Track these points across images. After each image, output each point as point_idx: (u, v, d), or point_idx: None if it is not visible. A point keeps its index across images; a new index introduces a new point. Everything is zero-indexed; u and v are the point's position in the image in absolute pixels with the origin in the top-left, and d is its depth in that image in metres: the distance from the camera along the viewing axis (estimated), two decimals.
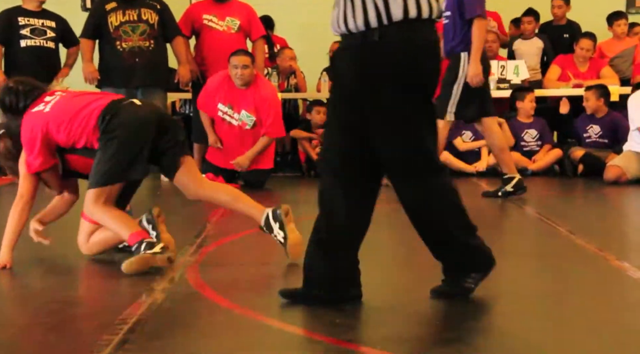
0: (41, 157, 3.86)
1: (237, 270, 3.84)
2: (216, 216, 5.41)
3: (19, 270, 3.78)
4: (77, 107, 3.87)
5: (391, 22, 2.82)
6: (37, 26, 7.41)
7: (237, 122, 6.93)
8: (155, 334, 2.75)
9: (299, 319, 2.95)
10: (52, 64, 7.50)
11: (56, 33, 7.50)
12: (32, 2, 7.40)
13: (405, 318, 2.97)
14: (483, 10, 5.86)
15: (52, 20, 7.50)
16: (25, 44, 7.35)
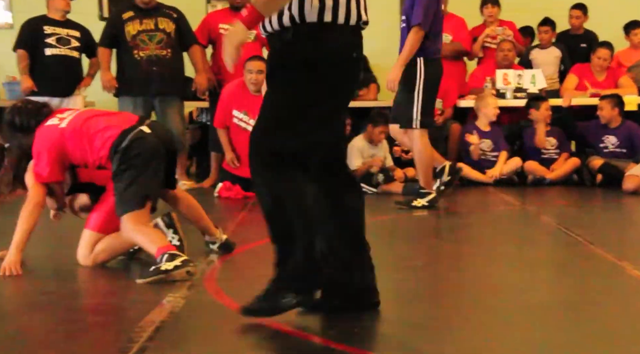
0: (49, 168, 3.91)
1: (255, 278, 3.81)
2: (234, 224, 5.42)
3: (39, 276, 3.80)
4: (93, 130, 3.95)
5: (304, 23, 2.87)
6: (62, 35, 7.48)
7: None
8: (174, 342, 2.76)
9: (318, 328, 2.94)
10: (75, 73, 7.57)
11: (80, 43, 7.57)
12: (58, 12, 7.47)
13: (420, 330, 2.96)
14: (426, 21, 5.75)
15: (77, 30, 7.56)
16: (51, 52, 7.42)
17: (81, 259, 3.96)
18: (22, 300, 3.49)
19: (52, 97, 7.26)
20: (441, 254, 4.53)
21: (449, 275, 3.93)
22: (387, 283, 3.71)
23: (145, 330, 2.81)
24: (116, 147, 3.84)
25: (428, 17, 5.78)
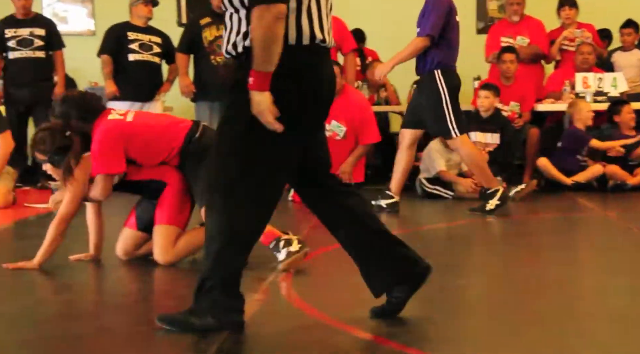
0: (117, 160, 3.94)
1: (331, 282, 3.82)
2: (308, 227, 5.41)
3: (121, 277, 3.85)
4: (164, 123, 4.04)
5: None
6: (145, 41, 7.62)
7: (328, 133, 6.92)
8: (250, 346, 2.76)
9: (396, 334, 2.90)
10: (156, 79, 7.70)
11: (161, 49, 7.70)
12: (140, 18, 7.61)
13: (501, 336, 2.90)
14: (435, 32, 5.79)
15: (158, 36, 7.71)
16: (134, 58, 7.56)
17: (162, 256, 3.96)
18: (103, 300, 3.54)
19: (133, 102, 7.39)
20: (520, 260, 4.45)
21: (529, 280, 3.84)
22: (466, 289, 3.66)
23: (221, 332, 2.81)
24: (190, 138, 3.96)
25: (438, 28, 5.80)
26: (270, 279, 3.70)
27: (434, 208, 6.62)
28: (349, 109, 6.86)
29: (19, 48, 7.46)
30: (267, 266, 3.95)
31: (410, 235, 5.31)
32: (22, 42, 7.46)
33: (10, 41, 7.45)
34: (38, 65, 7.56)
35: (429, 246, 5.05)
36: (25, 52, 7.48)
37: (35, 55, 7.52)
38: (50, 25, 7.72)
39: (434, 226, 5.89)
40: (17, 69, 7.45)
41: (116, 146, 3.93)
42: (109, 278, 3.88)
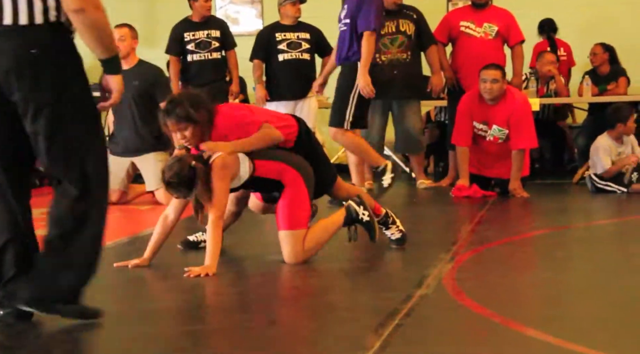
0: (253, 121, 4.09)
1: (495, 278, 3.78)
2: (472, 224, 5.36)
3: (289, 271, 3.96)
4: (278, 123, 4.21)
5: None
6: (293, 40, 7.71)
7: (489, 138, 6.80)
8: (416, 341, 2.78)
9: (563, 330, 2.84)
10: (307, 75, 7.74)
11: (310, 44, 7.74)
12: (289, 18, 7.70)
13: None
14: (377, 24, 6.01)
15: (307, 32, 7.72)
16: (283, 58, 7.66)
17: (294, 259, 3.99)
18: (273, 293, 3.64)
19: (288, 101, 7.53)
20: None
21: None
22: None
23: (386, 327, 2.85)
24: (300, 132, 4.23)
25: (379, 21, 6.06)
26: (434, 274, 3.70)
27: (605, 203, 6.39)
28: (509, 113, 6.68)
29: (197, 51, 7.71)
30: (431, 262, 3.95)
31: (580, 230, 5.17)
32: (199, 44, 7.71)
33: (189, 44, 7.72)
34: (215, 66, 7.77)
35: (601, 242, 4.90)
36: (203, 55, 7.71)
37: (212, 57, 7.72)
38: (224, 26, 7.92)
39: (605, 221, 5.70)
40: (196, 71, 7.66)
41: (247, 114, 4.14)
42: (278, 272, 3.99)
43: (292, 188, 4.02)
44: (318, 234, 4.07)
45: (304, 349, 2.74)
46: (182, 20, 7.79)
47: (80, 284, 2.97)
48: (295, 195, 4.02)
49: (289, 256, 4.01)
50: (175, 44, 7.66)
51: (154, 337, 2.90)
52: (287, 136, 4.17)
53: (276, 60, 7.67)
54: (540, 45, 8.78)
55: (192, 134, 3.92)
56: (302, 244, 4.00)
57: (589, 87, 8.01)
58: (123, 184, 6.74)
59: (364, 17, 6.03)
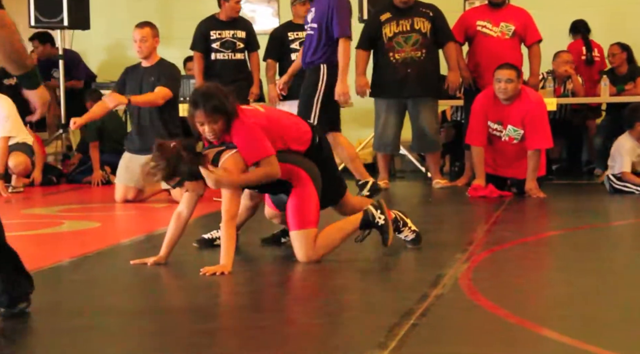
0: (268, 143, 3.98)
1: (511, 278, 3.77)
2: (488, 224, 5.35)
3: (301, 271, 3.96)
4: (286, 121, 4.18)
5: None
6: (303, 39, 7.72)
7: (504, 138, 6.77)
8: (431, 340, 2.77)
9: (579, 331, 2.83)
10: None
11: None
12: (300, 17, 7.69)
13: None
14: (350, 31, 6.17)
15: None
16: (296, 57, 7.65)
17: (305, 258, 3.99)
18: (287, 293, 3.65)
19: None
20: None
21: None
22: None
23: (402, 327, 2.84)
24: (314, 139, 4.16)
25: (350, 27, 6.22)
26: (450, 274, 3.70)
27: (622, 204, 6.36)
28: (524, 110, 6.64)
29: (222, 50, 7.72)
30: (446, 262, 3.95)
31: (597, 231, 5.14)
32: (225, 44, 7.72)
33: (214, 43, 7.73)
34: (237, 66, 7.73)
35: (618, 242, 4.88)
36: (227, 54, 7.69)
37: (235, 58, 7.70)
38: (250, 27, 7.90)
39: (622, 222, 5.67)
40: (219, 70, 7.65)
41: (261, 133, 3.97)
42: (293, 271, 3.99)
43: (300, 188, 4.03)
44: (332, 235, 4.07)
45: (318, 349, 2.74)
46: (209, 17, 7.79)
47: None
48: (304, 195, 4.02)
49: (300, 255, 4.01)
50: (200, 41, 7.67)
51: (168, 334, 2.91)
52: (301, 146, 4.15)
53: (289, 60, 7.70)
54: (574, 45, 8.74)
55: (220, 128, 3.92)
56: (313, 243, 4.00)
57: (607, 87, 7.98)
58: (139, 182, 6.77)
59: (339, 24, 6.09)
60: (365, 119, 9.04)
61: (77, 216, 6.01)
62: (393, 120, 7.41)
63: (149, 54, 6.69)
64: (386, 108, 7.40)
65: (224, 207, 3.86)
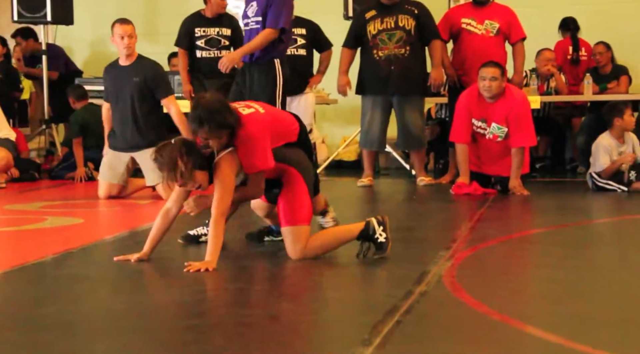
0: (270, 154, 3.97)
1: (495, 276, 3.78)
2: (472, 221, 5.36)
3: (287, 267, 3.96)
4: (280, 116, 4.20)
5: None
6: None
7: (488, 136, 6.79)
8: (415, 337, 2.78)
9: (563, 329, 2.84)
10: (303, 71, 7.73)
11: (306, 40, 7.74)
12: None
13: None
14: (287, 24, 6.09)
15: (303, 27, 7.74)
16: None
17: (296, 254, 4.00)
18: (273, 290, 3.64)
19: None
20: None
21: None
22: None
23: (386, 324, 2.85)
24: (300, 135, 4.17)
25: (289, 21, 6.15)
26: (434, 271, 3.71)
27: (605, 202, 6.40)
28: (508, 108, 6.67)
29: (207, 48, 7.65)
30: (430, 260, 3.96)
31: (580, 229, 5.17)
32: (209, 41, 7.65)
33: (199, 40, 7.63)
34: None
35: (602, 240, 4.91)
36: (213, 52, 7.58)
37: (221, 55, 7.56)
38: (235, 24, 7.74)
39: (605, 220, 5.70)
40: (204, 67, 7.48)
41: (268, 139, 3.97)
42: (278, 269, 3.99)
43: (291, 185, 4.03)
44: (327, 239, 4.08)
45: (304, 345, 2.74)
46: (195, 14, 7.73)
47: None
48: (295, 192, 4.02)
49: (291, 251, 4.02)
50: (185, 38, 7.62)
51: (154, 331, 2.90)
52: (292, 138, 4.16)
53: None
54: (561, 44, 8.78)
55: (225, 141, 3.90)
56: (305, 240, 4.00)
57: (590, 86, 8.02)
58: (122, 179, 6.75)
59: (273, 16, 6.05)
60: (349, 116, 9.07)
61: (60, 212, 5.98)
62: (379, 117, 7.42)
63: (133, 51, 6.67)
64: (372, 105, 7.41)
65: (215, 204, 3.85)
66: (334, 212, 4.76)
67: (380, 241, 4.00)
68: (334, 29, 8.03)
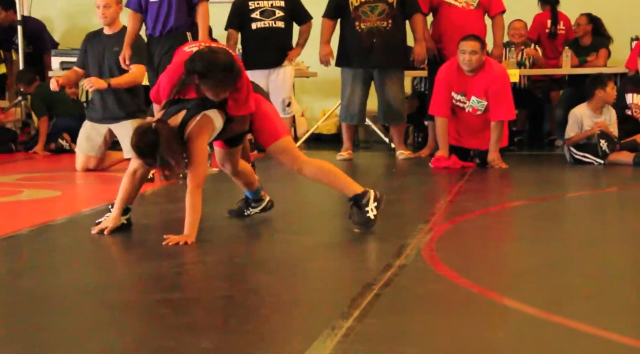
0: None
1: (474, 249, 3.80)
2: (451, 194, 5.38)
3: (264, 239, 3.96)
4: None
5: None
6: (267, 8, 7.63)
7: (468, 109, 6.79)
8: (394, 310, 2.78)
9: (540, 301, 2.86)
10: (282, 44, 7.67)
11: (285, 12, 7.66)
12: None
13: None
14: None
15: (281, 0, 7.69)
16: (256, 26, 7.60)
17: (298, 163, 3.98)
18: (252, 262, 3.63)
19: (262, 70, 7.47)
20: None
21: None
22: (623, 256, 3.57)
23: (365, 297, 2.85)
24: None
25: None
26: (412, 244, 3.71)
27: (582, 175, 6.43)
28: (488, 82, 6.67)
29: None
30: (409, 233, 3.96)
31: (558, 202, 5.20)
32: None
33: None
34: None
35: (580, 213, 4.94)
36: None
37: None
38: None
39: (582, 192, 5.74)
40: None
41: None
42: (258, 242, 3.98)
43: (262, 106, 4.00)
44: (328, 172, 4.01)
45: (283, 318, 2.74)
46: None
47: None
48: (268, 109, 4.02)
49: (289, 162, 3.99)
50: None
51: (131, 304, 2.89)
52: None
53: (249, 29, 7.61)
54: (540, 17, 8.77)
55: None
56: (296, 148, 4.02)
57: (569, 59, 8.03)
58: (100, 151, 6.70)
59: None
60: (329, 89, 9.04)
61: (37, 184, 5.93)
62: (359, 90, 7.40)
63: (112, 21, 6.58)
64: (352, 78, 7.38)
65: (190, 175, 3.82)
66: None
67: (369, 215, 3.95)
68: (313, 1, 7.96)
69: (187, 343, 2.43)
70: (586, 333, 2.49)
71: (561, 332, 2.52)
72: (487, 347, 2.40)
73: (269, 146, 4.00)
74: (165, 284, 3.19)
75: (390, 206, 4.44)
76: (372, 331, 2.52)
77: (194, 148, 3.82)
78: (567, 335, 2.49)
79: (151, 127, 3.74)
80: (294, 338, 2.44)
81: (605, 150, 6.71)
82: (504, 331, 2.56)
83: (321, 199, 5.21)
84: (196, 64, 3.74)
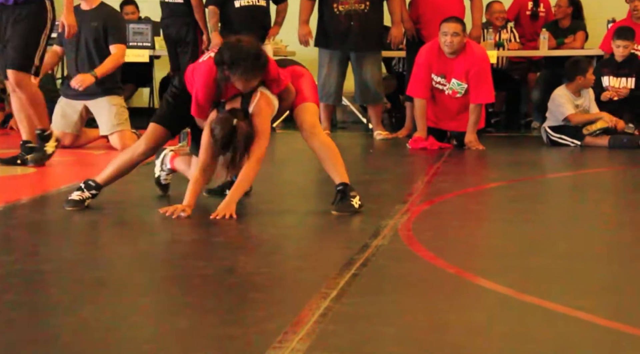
0: None
1: (451, 230, 3.82)
2: (428, 175, 5.39)
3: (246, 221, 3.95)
4: None
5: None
6: None
7: (448, 92, 6.78)
8: (372, 290, 2.79)
9: (516, 281, 2.88)
10: (263, 23, 7.63)
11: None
12: None
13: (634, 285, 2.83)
14: None
15: None
16: (239, 4, 7.55)
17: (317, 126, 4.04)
18: (230, 242, 3.63)
19: None
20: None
21: None
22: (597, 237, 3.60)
23: (342, 277, 2.86)
24: None
25: None
26: (390, 225, 3.72)
27: (559, 157, 6.47)
28: (469, 64, 6.66)
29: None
30: (387, 213, 3.97)
31: (534, 183, 5.23)
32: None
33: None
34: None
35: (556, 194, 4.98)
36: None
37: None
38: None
39: (559, 174, 5.77)
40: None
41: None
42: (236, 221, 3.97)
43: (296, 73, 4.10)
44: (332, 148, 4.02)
45: (260, 297, 2.74)
46: None
47: None
48: (300, 77, 4.09)
49: (309, 127, 4.00)
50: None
51: (107, 282, 2.88)
52: None
53: (232, 7, 7.56)
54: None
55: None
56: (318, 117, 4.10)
57: (546, 41, 8.05)
58: (76, 128, 6.65)
59: None
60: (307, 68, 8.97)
61: None
62: (336, 71, 7.39)
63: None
64: (329, 59, 7.37)
65: (254, 148, 3.82)
66: None
67: (353, 203, 3.94)
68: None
69: (163, 321, 2.43)
70: (560, 313, 2.51)
71: (536, 312, 2.54)
72: (462, 326, 2.41)
73: (296, 107, 4.04)
74: (142, 262, 3.18)
75: (367, 186, 4.46)
76: (350, 310, 2.53)
77: (260, 123, 3.85)
78: (541, 315, 2.51)
79: (232, 122, 3.77)
80: (270, 318, 2.44)
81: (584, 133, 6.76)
82: (479, 311, 2.58)
83: (300, 179, 5.21)
84: (224, 53, 3.78)
